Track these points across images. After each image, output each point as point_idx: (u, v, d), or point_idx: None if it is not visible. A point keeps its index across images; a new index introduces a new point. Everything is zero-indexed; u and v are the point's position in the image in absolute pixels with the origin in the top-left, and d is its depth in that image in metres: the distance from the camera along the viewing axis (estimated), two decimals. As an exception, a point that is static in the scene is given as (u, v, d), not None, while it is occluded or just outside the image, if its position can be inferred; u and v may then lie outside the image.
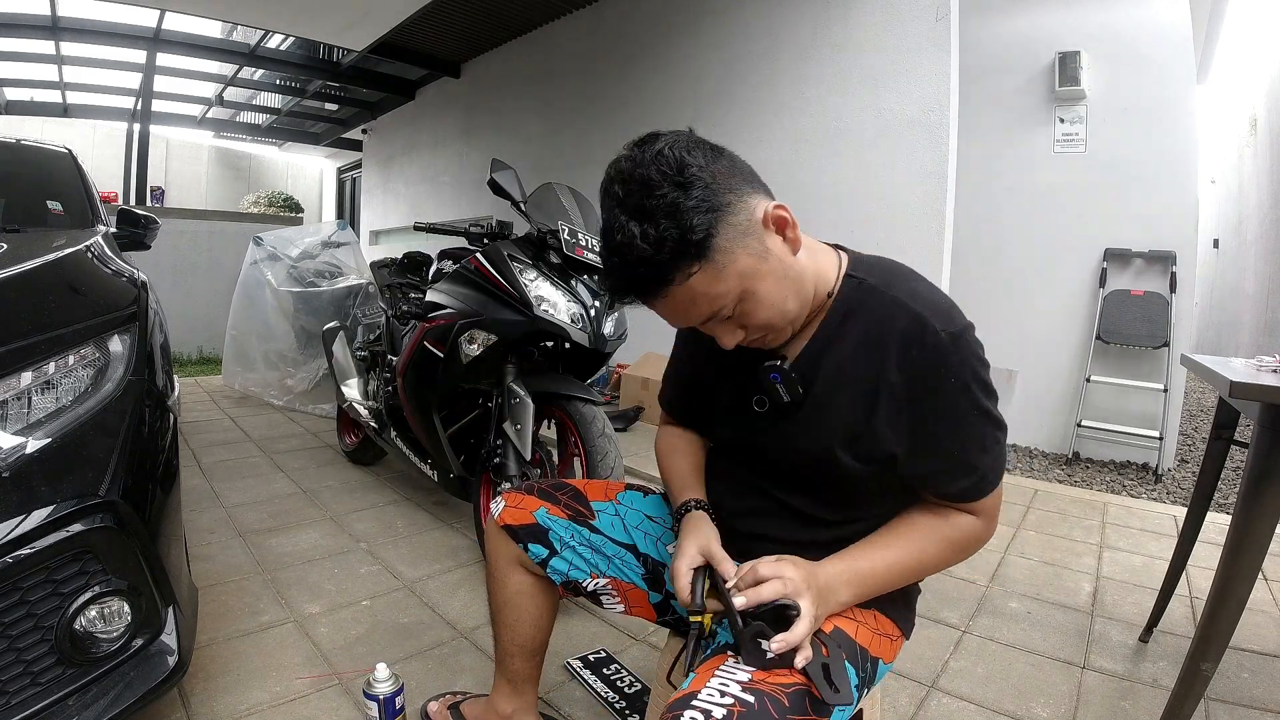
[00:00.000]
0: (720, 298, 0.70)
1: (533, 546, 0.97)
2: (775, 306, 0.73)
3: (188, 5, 5.41)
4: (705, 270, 0.67)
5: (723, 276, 0.68)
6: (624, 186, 0.68)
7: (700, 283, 0.68)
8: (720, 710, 0.62)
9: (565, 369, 1.94)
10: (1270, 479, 1.02)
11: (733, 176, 0.70)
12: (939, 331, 0.72)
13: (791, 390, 0.78)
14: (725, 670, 0.68)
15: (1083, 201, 3.54)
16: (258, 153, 12.76)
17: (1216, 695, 1.39)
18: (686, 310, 0.72)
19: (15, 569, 0.87)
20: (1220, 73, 6.47)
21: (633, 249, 0.66)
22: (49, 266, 1.25)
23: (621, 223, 0.67)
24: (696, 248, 0.66)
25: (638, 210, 0.66)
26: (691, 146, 0.69)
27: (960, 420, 0.74)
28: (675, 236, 0.65)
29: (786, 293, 0.74)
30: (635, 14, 4.67)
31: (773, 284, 0.72)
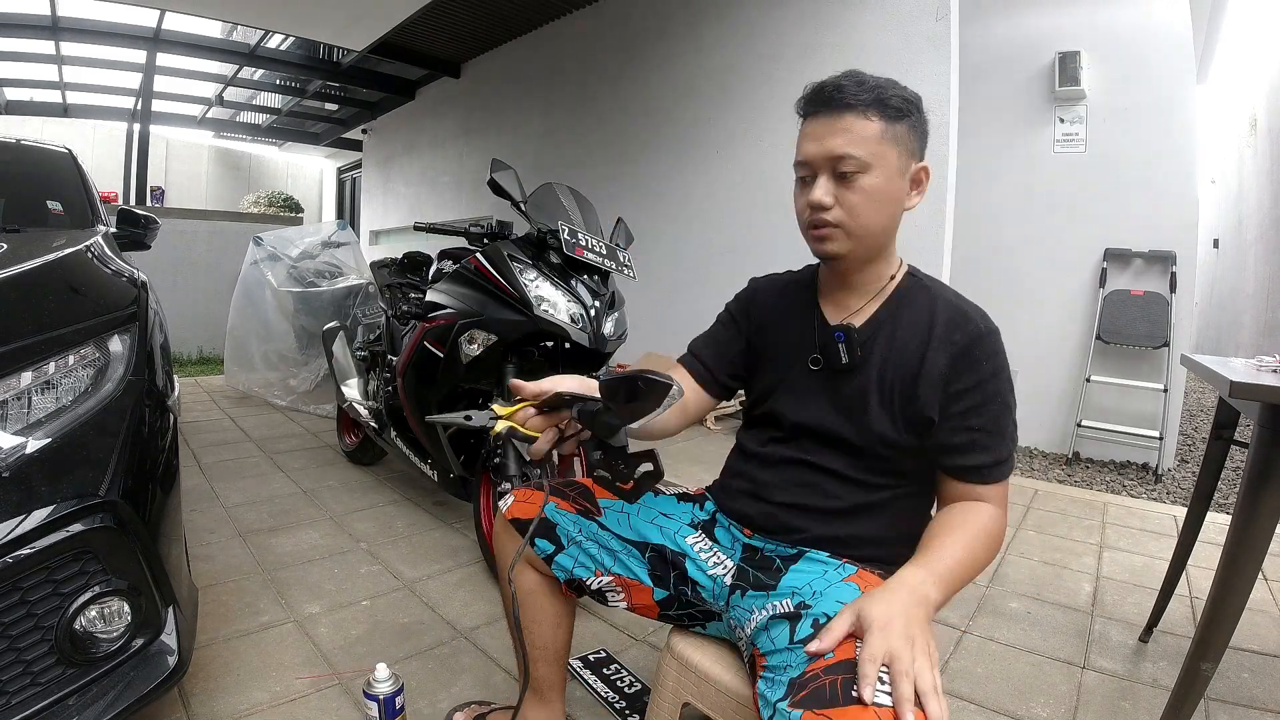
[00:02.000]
0: (861, 147, 0.82)
1: (539, 541, 0.98)
2: (873, 205, 0.84)
3: (188, 5, 5.41)
4: (876, 125, 0.82)
5: (877, 142, 0.82)
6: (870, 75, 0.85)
7: (866, 128, 0.82)
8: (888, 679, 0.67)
9: (565, 369, 1.94)
10: (1270, 479, 1.02)
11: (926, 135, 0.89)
12: (979, 322, 0.87)
13: (851, 352, 0.89)
14: None
15: (1083, 201, 3.54)
16: (258, 153, 12.76)
17: (1216, 695, 1.39)
18: (836, 135, 0.83)
19: (15, 569, 0.87)
20: (1220, 73, 6.47)
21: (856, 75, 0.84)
22: (49, 266, 1.25)
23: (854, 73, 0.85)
24: (888, 108, 0.83)
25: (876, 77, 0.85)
26: None
27: (988, 402, 0.84)
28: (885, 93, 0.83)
29: (885, 211, 0.86)
30: (635, 14, 4.67)
31: (887, 192, 0.85)
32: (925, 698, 0.67)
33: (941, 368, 0.85)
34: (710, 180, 4.10)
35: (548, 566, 0.98)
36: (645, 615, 1.00)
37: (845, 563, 0.87)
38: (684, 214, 4.27)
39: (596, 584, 0.98)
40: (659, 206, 4.38)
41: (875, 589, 0.73)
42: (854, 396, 0.89)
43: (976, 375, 0.84)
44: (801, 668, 0.69)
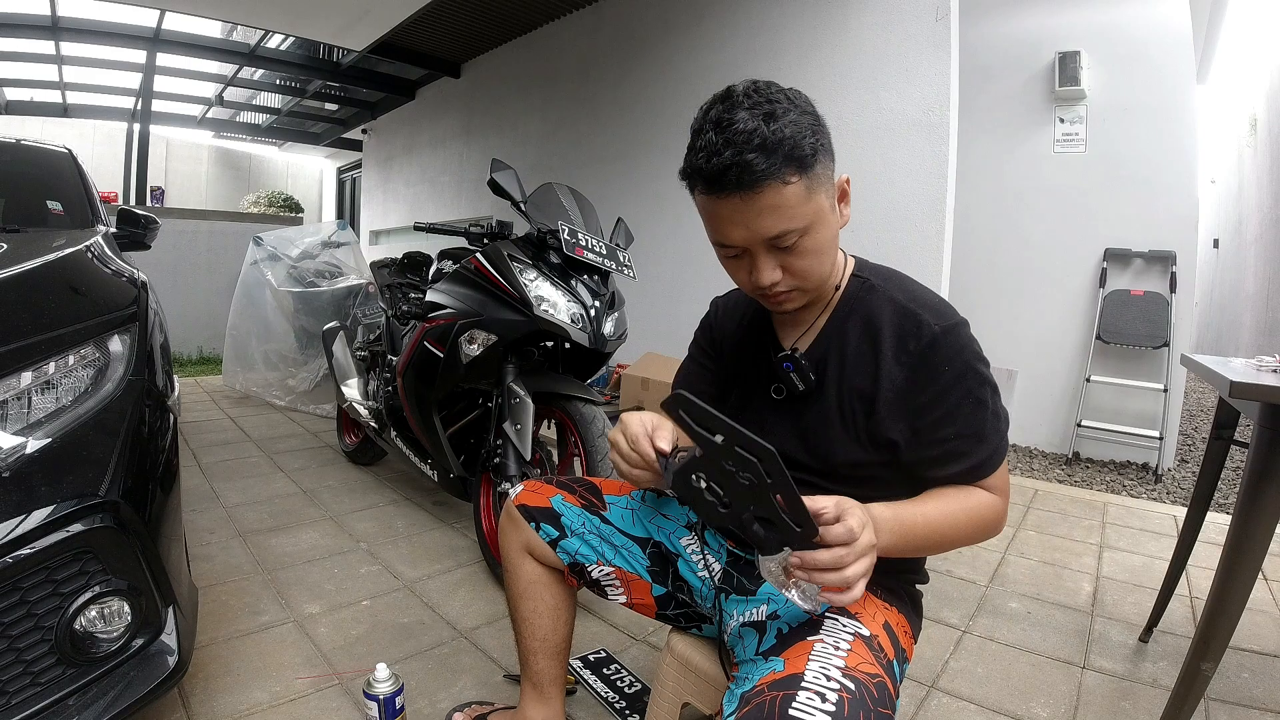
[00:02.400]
0: (796, 219, 0.73)
1: (545, 526, 1.00)
2: (821, 258, 0.78)
3: (188, 5, 5.41)
4: (799, 185, 0.72)
5: (808, 200, 0.73)
6: (750, 96, 0.72)
7: (791, 194, 0.72)
8: (832, 694, 0.63)
9: (565, 369, 1.94)
10: (1270, 479, 1.02)
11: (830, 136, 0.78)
12: (933, 325, 0.79)
13: (804, 379, 0.84)
14: (820, 655, 0.69)
15: (1083, 201, 3.54)
16: (258, 153, 12.76)
17: (1216, 695, 1.39)
18: (762, 217, 0.73)
19: (15, 569, 0.87)
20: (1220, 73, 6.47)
21: (752, 135, 0.69)
22: (49, 266, 1.25)
23: (744, 118, 0.70)
24: (802, 160, 0.71)
25: (765, 113, 0.71)
26: None
27: (958, 407, 0.78)
28: (791, 140, 0.70)
29: (830, 252, 0.80)
30: (635, 14, 4.67)
31: (828, 237, 0.78)
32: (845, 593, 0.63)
33: (899, 383, 0.79)
34: (710, 180, 4.09)
35: (551, 552, 0.99)
36: (643, 613, 1.01)
37: None
38: (684, 214, 4.27)
39: (598, 573, 0.99)
40: (659, 206, 4.38)
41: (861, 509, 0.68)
42: (816, 423, 0.84)
43: (938, 384, 0.78)
44: (754, 681, 0.69)
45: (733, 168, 0.70)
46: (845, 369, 0.83)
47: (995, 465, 0.80)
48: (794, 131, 0.71)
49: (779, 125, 0.70)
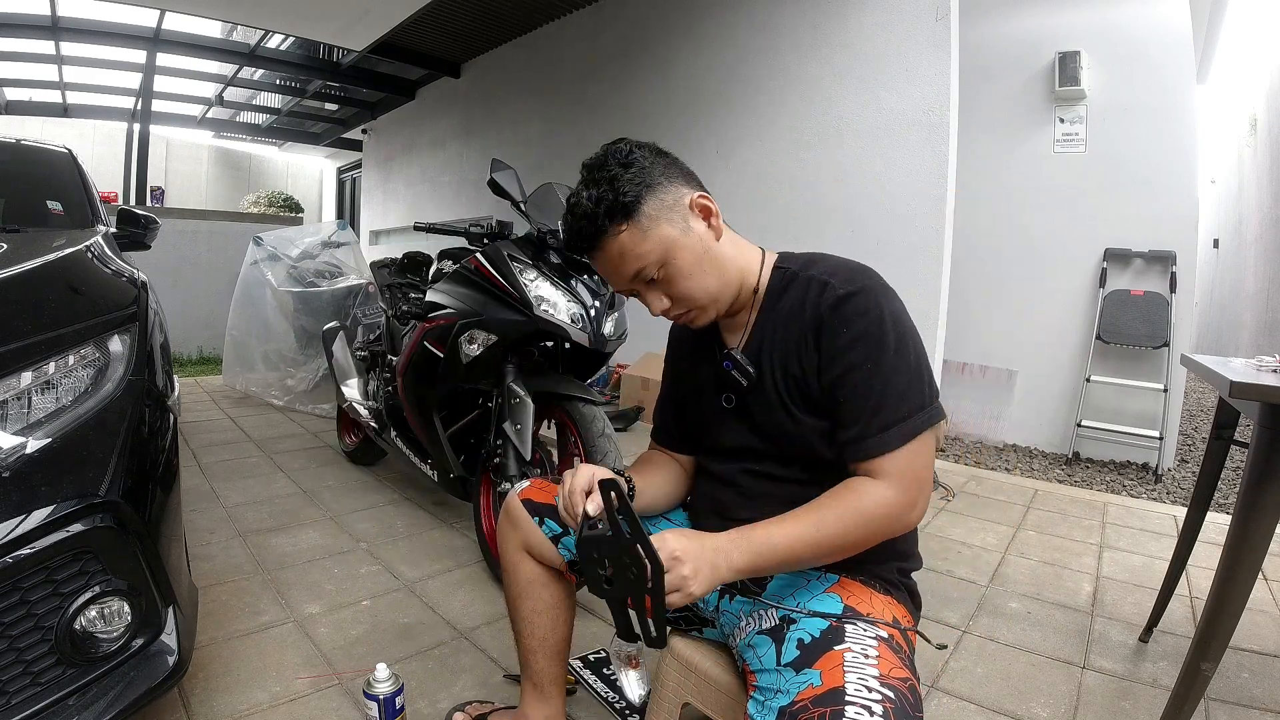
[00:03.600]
0: (643, 256, 0.83)
1: (549, 521, 1.00)
2: (694, 278, 0.85)
3: (188, 5, 5.41)
4: (631, 230, 0.83)
5: (646, 237, 0.83)
6: (586, 169, 0.87)
7: (626, 240, 0.83)
8: (878, 706, 0.64)
9: (565, 369, 1.94)
10: (1270, 479, 1.02)
11: (670, 168, 0.87)
12: (835, 289, 0.82)
13: (744, 373, 0.89)
14: (854, 665, 0.70)
15: (1083, 201, 3.54)
16: (258, 153, 12.76)
17: (1216, 695, 1.39)
18: (617, 265, 0.85)
19: (15, 569, 0.87)
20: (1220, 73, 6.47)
21: (579, 207, 0.84)
22: (49, 266, 1.25)
23: (577, 191, 0.86)
24: (625, 209, 0.82)
25: (589, 181, 0.85)
26: (643, 145, 0.87)
27: (848, 372, 0.80)
28: (610, 197, 0.82)
29: (706, 269, 0.86)
30: (635, 14, 4.67)
31: (692, 257, 0.85)
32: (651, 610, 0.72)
33: (812, 352, 0.83)
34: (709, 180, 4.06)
35: (553, 550, 0.99)
36: None
37: (826, 573, 0.87)
38: (684, 214, 4.27)
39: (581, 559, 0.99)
40: (659, 206, 4.38)
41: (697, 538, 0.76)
42: (762, 413, 0.89)
43: (835, 345, 0.80)
44: (791, 695, 0.69)
45: (573, 236, 0.87)
46: (775, 354, 0.87)
47: (886, 444, 0.77)
48: (608, 191, 0.82)
49: (597, 191, 0.83)
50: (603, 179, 0.83)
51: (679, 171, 0.88)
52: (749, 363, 0.89)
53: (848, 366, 0.79)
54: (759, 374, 0.88)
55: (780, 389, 0.86)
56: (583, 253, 0.88)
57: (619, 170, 0.83)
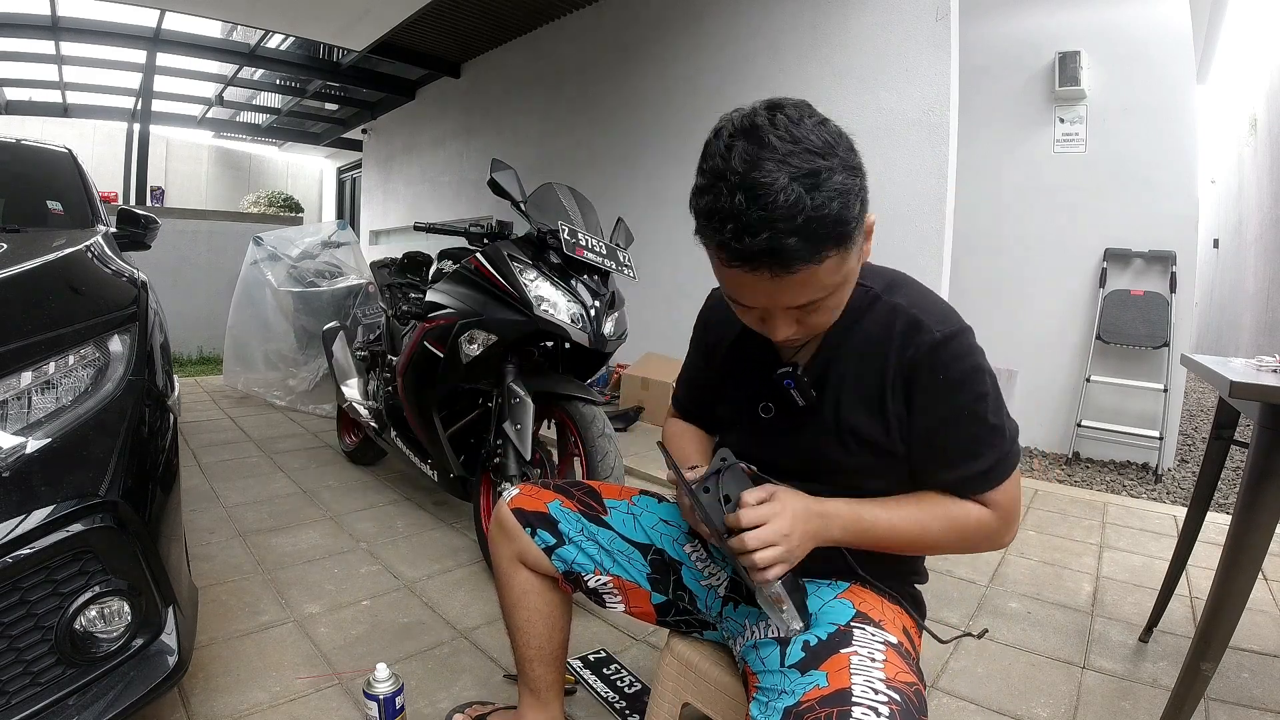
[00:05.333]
0: (826, 289, 0.67)
1: (541, 532, 0.97)
2: (838, 310, 0.74)
3: (188, 5, 5.41)
4: (836, 259, 0.65)
5: (841, 269, 0.66)
6: (787, 140, 0.61)
7: (826, 271, 0.65)
8: (884, 709, 0.64)
9: (565, 369, 1.94)
10: (1270, 479, 1.02)
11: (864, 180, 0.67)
12: (933, 330, 0.75)
13: (805, 395, 0.81)
14: (860, 668, 0.70)
15: (1083, 201, 3.54)
16: (258, 153, 12.76)
17: (1216, 695, 1.39)
18: (791, 292, 0.66)
19: (15, 569, 0.87)
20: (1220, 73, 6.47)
21: (795, 213, 0.59)
22: (49, 266, 1.25)
23: (780, 182, 0.59)
24: (846, 237, 0.63)
25: (807, 176, 0.60)
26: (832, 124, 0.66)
27: (949, 420, 0.76)
28: (835, 216, 0.61)
29: (847, 297, 0.74)
30: (635, 14, 4.67)
31: (850, 286, 0.72)
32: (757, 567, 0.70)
33: (899, 391, 0.77)
34: (710, 180, 4.09)
35: (546, 560, 0.97)
36: (643, 620, 1.00)
37: (838, 580, 0.86)
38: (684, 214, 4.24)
39: (595, 582, 0.97)
40: (659, 206, 4.38)
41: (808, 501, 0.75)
42: (812, 442, 0.82)
43: (933, 391, 0.75)
44: (797, 695, 0.68)
45: (767, 253, 0.62)
46: (846, 382, 0.80)
47: (992, 481, 0.77)
48: (840, 205, 0.61)
49: (824, 197, 0.60)
50: (826, 182, 0.60)
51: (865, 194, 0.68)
52: (812, 384, 0.81)
53: (951, 413, 0.76)
54: (820, 399, 0.81)
55: (841, 420, 0.80)
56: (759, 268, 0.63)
57: (848, 176, 0.62)
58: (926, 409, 0.76)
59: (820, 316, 0.72)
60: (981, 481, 0.77)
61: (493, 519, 1.04)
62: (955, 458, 0.77)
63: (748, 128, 0.63)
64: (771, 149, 0.61)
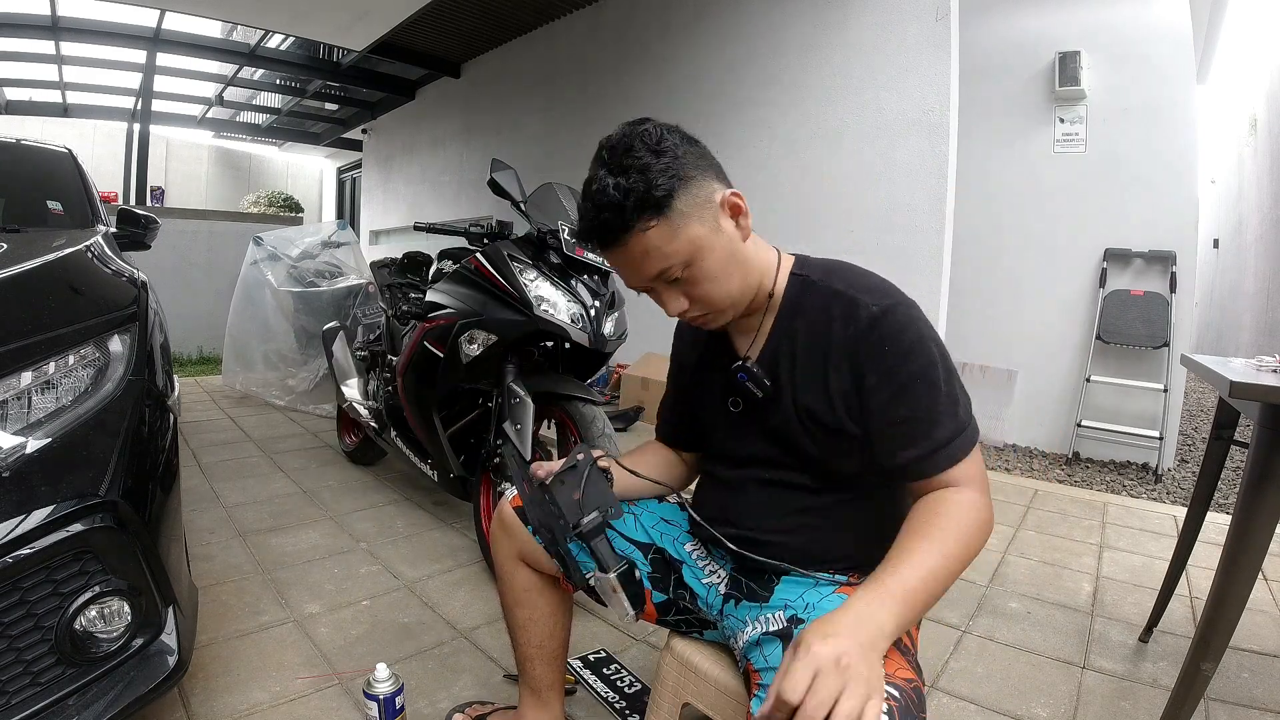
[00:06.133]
0: (670, 256, 0.77)
1: None
2: (719, 281, 0.80)
3: (188, 5, 5.41)
4: (661, 226, 0.76)
5: (676, 236, 0.76)
6: (609, 150, 0.78)
7: (655, 237, 0.76)
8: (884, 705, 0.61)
9: (565, 369, 1.94)
10: (1270, 479, 1.02)
11: (701, 159, 0.80)
12: (870, 306, 0.78)
13: (760, 385, 0.86)
14: None
15: (1083, 201, 3.54)
16: (258, 153, 12.76)
17: (1216, 695, 1.39)
18: (640, 263, 0.79)
19: (15, 569, 0.87)
20: (1220, 73, 6.47)
21: (604, 195, 0.75)
22: (49, 266, 1.25)
23: (599, 176, 0.77)
24: (657, 203, 0.75)
25: (615, 167, 0.76)
26: (672, 130, 0.79)
27: (902, 390, 0.77)
28: (641, 189, 0.74)
29: (732, 271, 0.81)
30: (635, 14, 4.67)
31: (720, 259, 0.80)
32: None
33: (845, 371, 0.79)
34: (710, 180, 4.10)
35: (546, 558, 0.98)
36: (645, 619, 1.00)
37: (836, 574, 0.86)
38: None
39: (595, 580, 0.97)
40: (659, 206, 4.38)
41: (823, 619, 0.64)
42: (780, 427, 0.86)
43: (882, 365, 0.77)
44: None
45: (595, 229, 0.79)
46: (797, 368, 0.84)
47: (959, 451, 0.76)
48: (640, 181, 0.74)
49: (626, 180, 0.75)
50: (631, 166, 0.75)
51: (709, 163, 0.81)
52: (765, 374, 0.85)
53: (900, 386, 0.76)
54: (776, 387, 0.85)
55: (799, 406, 0.83)
56: (603, 247, 0.80)
57: (649, 158, 0.75)
58: (878, 386, 0.77)
59: (698, 288, 0.80)
60: (946, 455, 0.76)
61: (495, 517, 1.05)
62: (915, 431, 0.76)
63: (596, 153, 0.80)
64: (600, 160, 0.78)
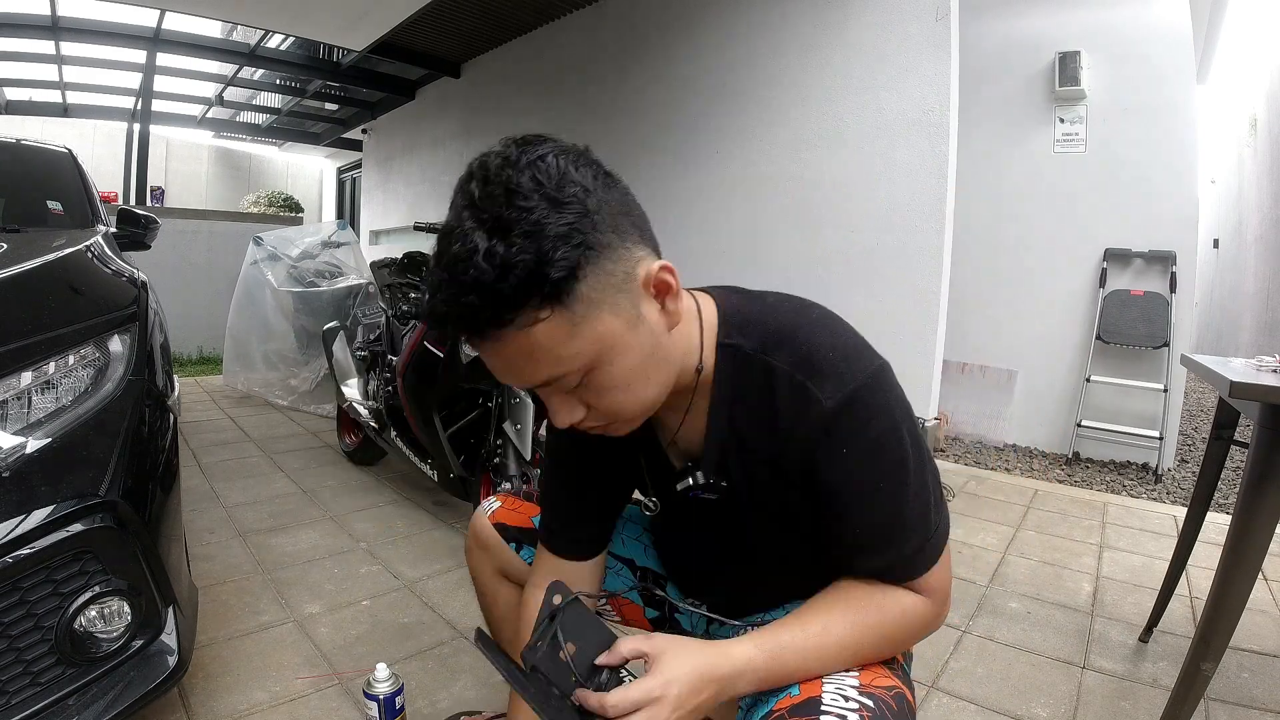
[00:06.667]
0: (567, 360, 0.55)
1: (527, 549, 0.94)
2: (632, 389, 0.60)
3: (188, 5, 5.41)
4: (556, 319, 0.53)
5: (577, 334, 0.54)
6: (483, 185, 0.52)
7: (546, 334, 0.53)
8: (853, 715, 0.60)
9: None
10: (1270, 479, 1.02)
11: (622, 214, 0.56)
12: (822, 401, 0.61)
13: (717, 490, 0.72)
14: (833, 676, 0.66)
15: (1083, 201, 3.54)
16: (258, 153, 12.75)
17: (1216, 695, 1.39)
18: (520, 366, 0.56)
19: (15, 569, 0.87)
20: (1220, 73, 6.47)
21: (469, 266, 0.50)
22: (49, 266, 1.25)
23: (466, 229, 0.51)
24: (552, 286, 0.51)
25: (493, 220, 0.51)
26: (582, 163, 0.55)
27: (865, 497, 0.64)
28: (529, 264, 0.50)
29: (650, 374, 0.61)
30: (635, 14, 4.67)
31: (636, 360, 0.59)
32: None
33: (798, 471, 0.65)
34: (710, 180, 4.10)
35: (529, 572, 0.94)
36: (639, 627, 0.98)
37: None
38: (684, 214, 4.27)
39: None
40: (659, 206, 4.38)
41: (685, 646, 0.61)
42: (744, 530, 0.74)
43: (839, 469, 0.63)
44: (770, 704, 0.66)
45: (449, 316, 0.53)
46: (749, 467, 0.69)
47: (921, 565, 0.66)
48: (528, 251, 0.50)
49: (506, 247, 0.50)
50: (516, 223, 0.50)
51: (632, 218, 0.58)
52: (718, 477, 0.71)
53: (861, 494, 0.63)
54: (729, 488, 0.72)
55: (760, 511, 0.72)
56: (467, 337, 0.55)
57: (545, 210, 0.51)
58: (837, 490, 0.64)
59: (605, 398, 0.60)
60: (908, 567, 0.66)
61: (470, 535, 0.99)
62: (877, 541, 0.65)
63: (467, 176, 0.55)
64: (469, 196, 0.53)
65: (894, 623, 0.66)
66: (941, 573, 0.67)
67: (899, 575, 0.66)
